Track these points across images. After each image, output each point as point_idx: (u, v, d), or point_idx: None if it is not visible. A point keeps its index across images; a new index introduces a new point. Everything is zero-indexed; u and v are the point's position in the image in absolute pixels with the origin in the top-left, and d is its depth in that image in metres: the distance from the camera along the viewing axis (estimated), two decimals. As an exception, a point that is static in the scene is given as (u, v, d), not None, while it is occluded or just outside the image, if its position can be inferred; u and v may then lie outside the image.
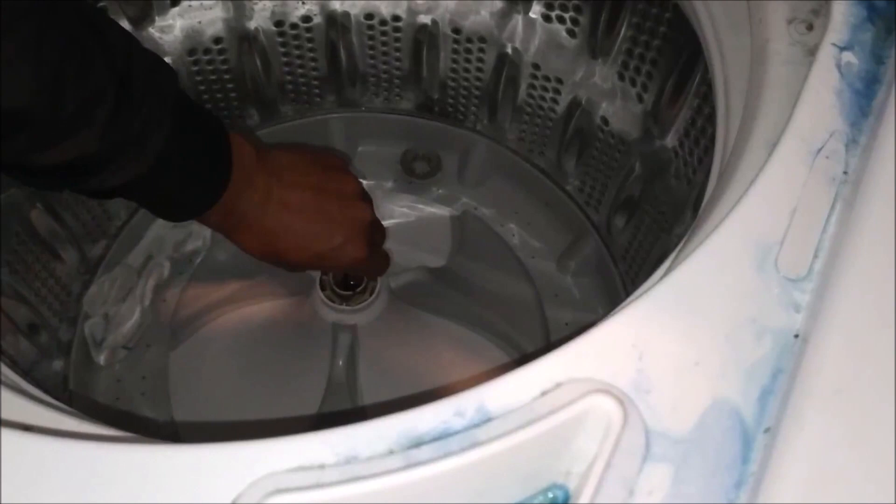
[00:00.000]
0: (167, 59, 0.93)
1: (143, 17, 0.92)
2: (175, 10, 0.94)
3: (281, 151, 0.74)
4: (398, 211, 1.10)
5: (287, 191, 0.72)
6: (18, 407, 0.46)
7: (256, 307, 0.99)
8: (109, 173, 0.58)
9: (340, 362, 0.94)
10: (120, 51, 0.55)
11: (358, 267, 0.82)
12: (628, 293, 0.49)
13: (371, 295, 0.93)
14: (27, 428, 0.42)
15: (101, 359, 0.98)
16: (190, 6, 0.94)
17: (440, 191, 1.13)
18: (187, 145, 0.62)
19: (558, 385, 0.42)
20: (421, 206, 1.12)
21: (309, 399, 0.93)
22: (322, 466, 0.40)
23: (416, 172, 1.13)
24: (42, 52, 0.49)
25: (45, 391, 0.51)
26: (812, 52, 0.55)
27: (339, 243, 0.77)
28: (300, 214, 0.73)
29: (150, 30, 0.93)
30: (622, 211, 0.98)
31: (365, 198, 0.81)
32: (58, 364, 0.94)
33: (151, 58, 0.59)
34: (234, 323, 0.99)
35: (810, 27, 0.56)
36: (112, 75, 0.54)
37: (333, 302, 0.93)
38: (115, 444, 0.41)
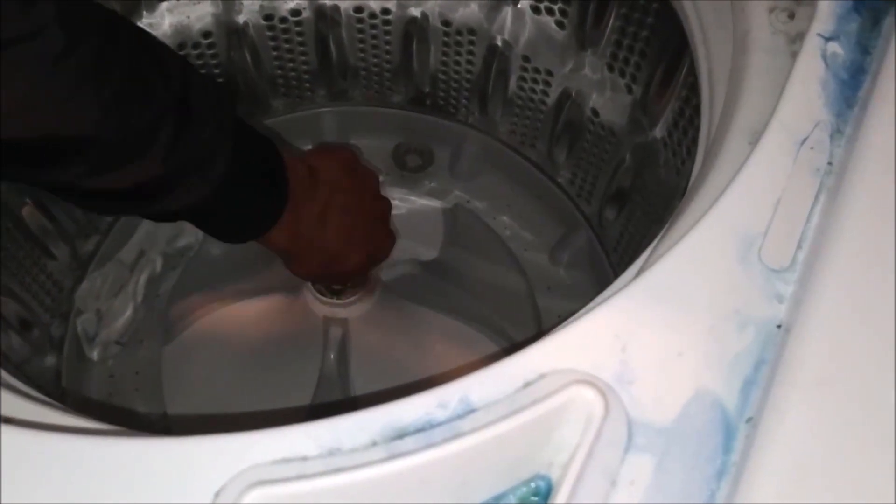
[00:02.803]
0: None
1: (132, 12, 0.92)
2: (164, 5, 0.94)
3: (321, 159, 0.74)
4: (390, 204, 1.10)
5: (342, 197, 0.73)
6: (4, 400, 0.46)
7: (248, 302, 0.99)
8: (175, 196, 0.58)
9: (332, 356, 0.94)
10: (177, 75, 0.55)
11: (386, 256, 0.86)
12: (621, 284, 0.49)
13: (362, 289, 0.93)
14: (6, 420, 0.42)
15: (94, 354, 0.98)
16: (178, 1, 0.94)
17: (432, 184, 1.13)
18: (248, 166, 0.62)
19: (541, 376, 0.42)
20: (413, 198, 1.12)
21: (301, 393, 0.93)
22: (305, 458, 0.40)
23: (408, 166, 1.13)
24: (101, 80, 0.49)
25: (38, 387, 0.51)
26: (794, 40, 0.55)
27: (381, 238, 0.80)
28: (355, 217, 0.74)
29: (139, 25, 0.93)
30: (613, 202, 0.98)
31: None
32: (50, 360, 0.94)
33: (207, 81, 0.59)
34: (227, 318, 0.99)
35: (792, 16, 0.56)
36: (171, 99, 0.54)
37: (324, 296, 0.93)
38: (98, 437, 0.41)
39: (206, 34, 0.97)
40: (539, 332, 1.00)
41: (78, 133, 0.49)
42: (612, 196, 0.98)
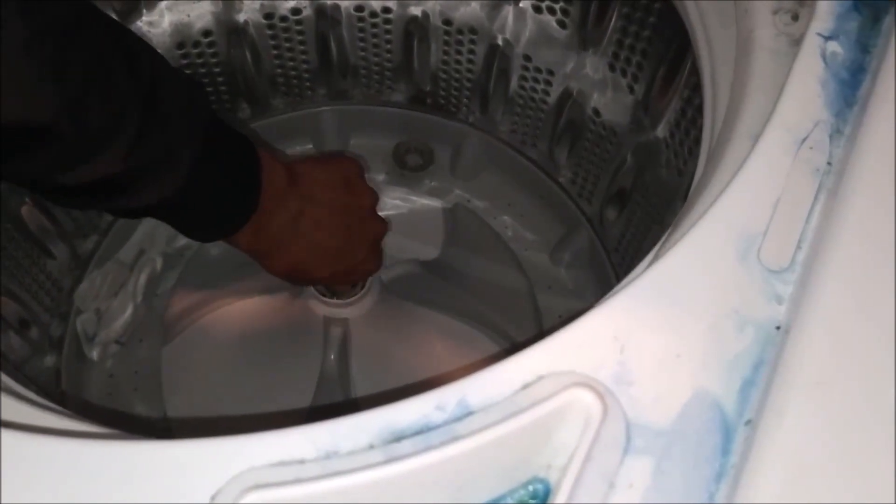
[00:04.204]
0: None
1: (131, 10, 0.92)
2: (163, 3, 0.93)
3: (309, 167, 0.73)
4: (390, 203, 1.10)
5: (318, 211, 0.72)
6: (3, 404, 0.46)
7: (248, 302, 0.99)
8: (136, 194, 0.58)
9: (332, 356, 0.94)
10: (146, 73, 0.55)
11: (368, 276, 0.88)
12: (622, 285, 0.49)
13: (362, 289, 0.93)
14: (5, 424, 0.42)
15: (94, 354, 0.98)
16: (178, 0, 0.94)
17: (433, 183, 1.13)
18: (216, 168, 0.62)
19: (539, 378, 0.42)
20: (413, 198, 1.12)
21: (301, 393, 0.93)
22: (302, 461, 0.39)
23: (409, 165, 1.13)
24: (62, 74, 0.48)
25: (38, 387, 0.51)
26: (797, 42, 0.54)
27: (361, 259, 0.79)
28: (329, 234, 0.74)
29: (139, 24, 0.93)
30: (614, 202, 0.98)
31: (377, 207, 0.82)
32: (50, 360, 0.94)
33: (181, 79, 0.58)
34: (226, 317, 0.99)
35: (795, 17, 0.56)
36: (137, 97, 0.54)
37: (324, 296, 0.93)
38: (95, 441, 0.41)
39: (206, 33, 0.97)
40: (540, 332, 1.00)
41: (37, 124, 0.48)
42: (614, 196, 0.97)
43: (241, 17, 0.97)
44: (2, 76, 0.45)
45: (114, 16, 0.90)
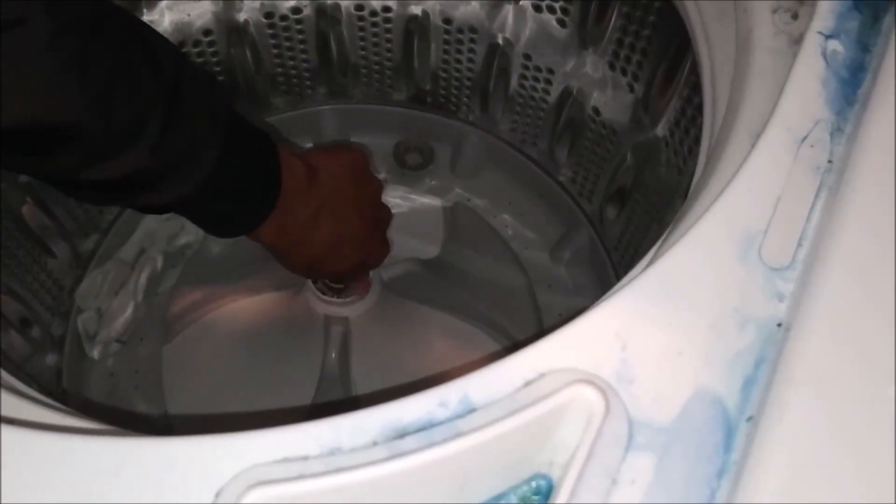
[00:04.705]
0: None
1: (132, 10, 0.91)
2: (163, 3, 0.93)
3: (324, 161, 0.73)
4: (391, 202, 1.08)
5: (337, 204, 0.72)
6: (4, 402, 0.46)
7: (249, 300, 0.99)
8: (161, 190, 0.58)
9: (333, 355, 0.94)
10: (169, 68, 0.55)
11: (377, 264, 0.87)
12: (621, 283, 0.49)
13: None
14: (7, 421, 0.42)
15: (95, 353, 0.98)
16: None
17: (433, 182, 1.13)
18: (238, 163, 0.62)
19: (542, 375, 0.42)
20: (414, 197, 1.12)
21: (302, 392, 0.93)
22: (306, 458, 0.40)
23: (409, 164, 1.13)
24: (88, 69, 0.49)
25: (39, 386, 0.51)
26: (797, 41, 0.55)
27: (374, 248, 0.80)
28: (348, 226, 0.74)
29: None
30: (614, 201, 0.98)
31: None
32: (51, 358, 0.94)
33: (201, 75, 0.59)
34: (228, 316, 0.99)
35: (795, 16, 0.56)
36: (161, 93, 0.54)
37: (325, 295, 0.93)
38: (98, 437, 0.41)
39: (207, 32, 0.97)
40: (540, 330, 1.00)
41: (63, 122, 0.49)
42: (614, 194, 0.98)
43: (242, 17, 0.98)
44: (27, 73, 0.45)
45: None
